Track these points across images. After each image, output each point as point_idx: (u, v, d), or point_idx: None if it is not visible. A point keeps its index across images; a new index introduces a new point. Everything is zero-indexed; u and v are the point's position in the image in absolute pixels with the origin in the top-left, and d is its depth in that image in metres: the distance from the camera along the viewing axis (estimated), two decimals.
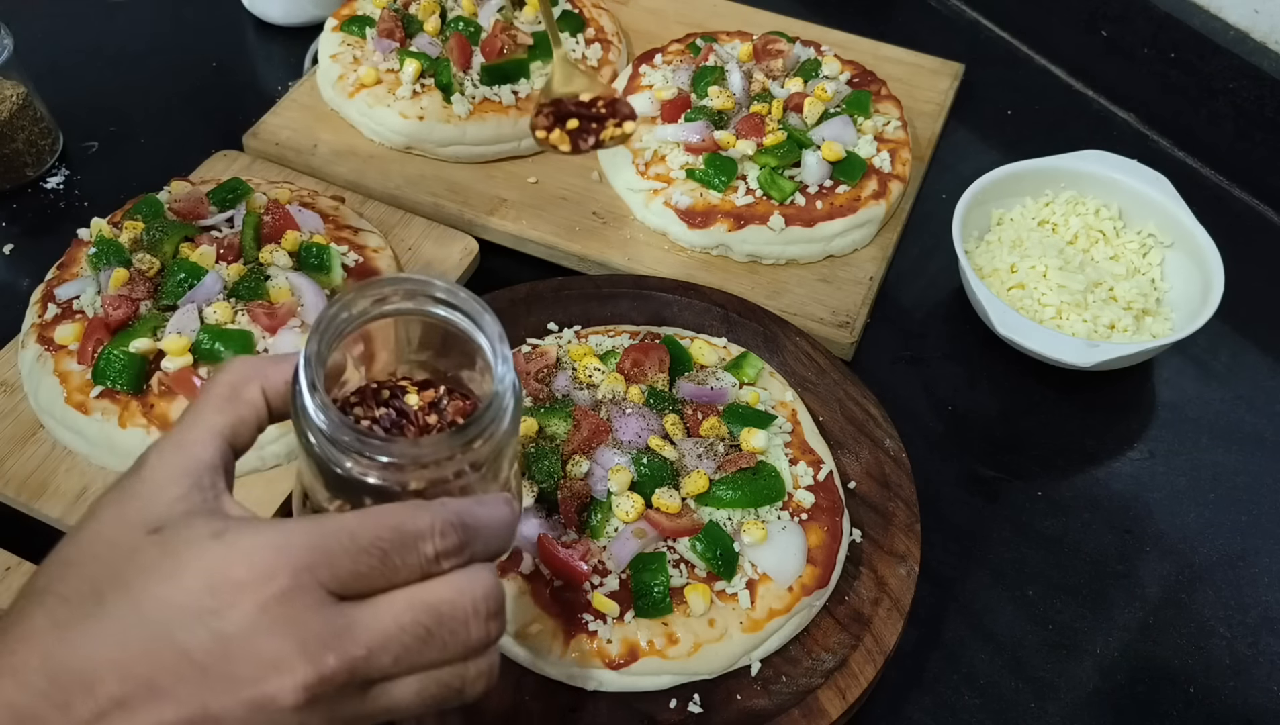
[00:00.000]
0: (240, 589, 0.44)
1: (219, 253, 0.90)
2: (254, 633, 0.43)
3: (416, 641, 0.46)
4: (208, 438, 0.50)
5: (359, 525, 0.46)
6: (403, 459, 0.49)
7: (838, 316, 0.97)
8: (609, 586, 0.74)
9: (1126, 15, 1.19)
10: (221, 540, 0.45)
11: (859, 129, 1.06)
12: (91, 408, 0.84)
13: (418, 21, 1.14)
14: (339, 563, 0.45)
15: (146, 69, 1.23)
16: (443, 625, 0.46)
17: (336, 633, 0.44)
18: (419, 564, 0.46)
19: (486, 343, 0.54)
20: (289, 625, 0.44)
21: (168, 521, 0.47)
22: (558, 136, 0.85)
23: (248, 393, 0.52)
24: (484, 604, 0.47)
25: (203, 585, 0.44)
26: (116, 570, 0.45)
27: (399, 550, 0.46)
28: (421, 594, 0.46)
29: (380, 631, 0.45)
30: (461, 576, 0.47)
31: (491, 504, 0.50)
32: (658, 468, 0.78)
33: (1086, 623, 0.82)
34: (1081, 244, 1.01)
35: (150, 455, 0.50)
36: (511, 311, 0.94)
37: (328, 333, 0.52)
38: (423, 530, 0.46)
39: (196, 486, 0.48)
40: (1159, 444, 0.94)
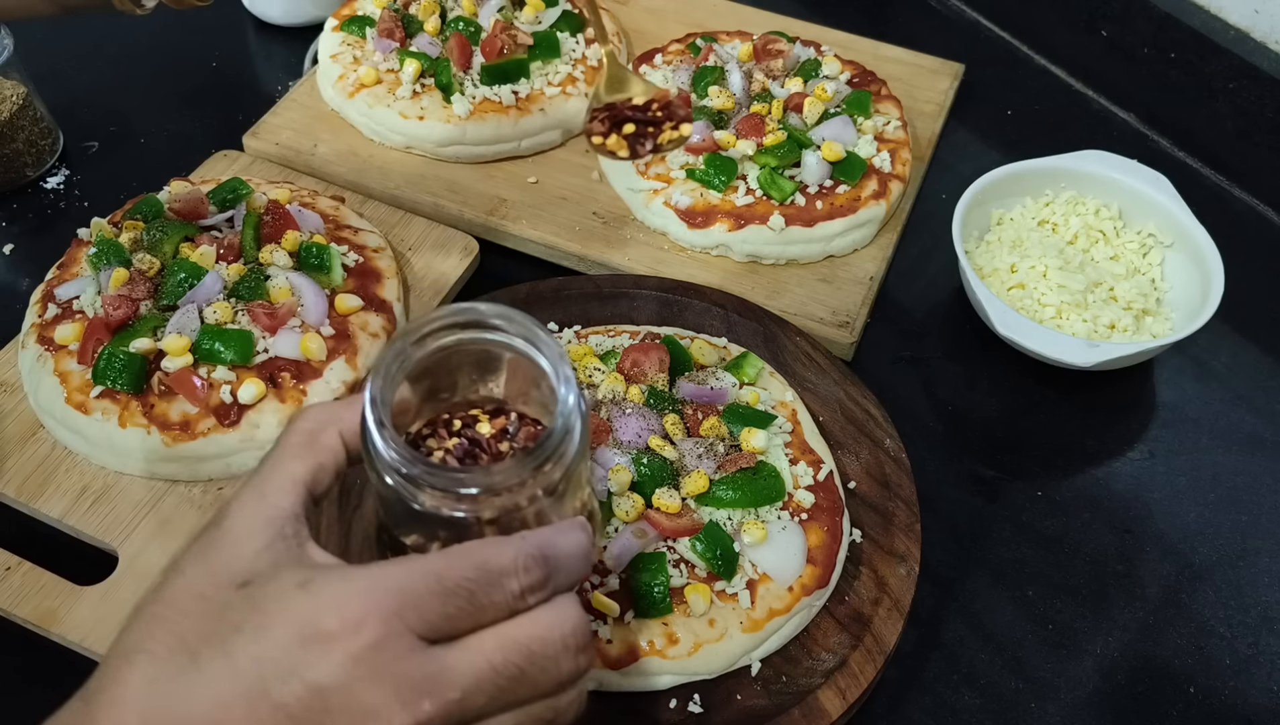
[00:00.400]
0: (331, 640, 0.43)
1: (219, 253, 0.90)
2: (349, 684, 0.43)
3: (510, 681, 0.46)
4: (289, 486, 0.50)
5: (445, 567, 0.45)
6: (476, 488, 0.49)
7: (838, 316, 0.97)
8: (609, 586, 0.74)
9: (1126, 15, 1.19)
10: (308, 590, 0.45)
11: (859, 129, 1.06)
12: (91, 408, 0.84)
13: (418, 21, 1.14)
14: (427, 606, 0.45)
15: (146, 69, 1.23)
16: (534, 664, 0.46)
17: (430, 678, 0.44)
18: (506, 602, 0.46)
19: (548, 364, 0.53)
20: (383, 674, 0.43)
21: (255, 575, 0.46)
22: (615, 142, 0.82)
23: (325, 439, 0.52)
24: (573, 639, 0.47)
25: (294, 638, 0.44)
26: (208, 626, 0.45)
27: (485, 589, 0.46)
28: (512, 633, 0.46)
29: (473, 674, 0.45)
30: (550, 612, 0.47)
31: (569, 531, 0.49)
32: (658, 468, 0.78)
33: (1086, 623, 0.82)
34: (1081, 244, 1.01)
35: (231, 506, 0.49)
36: None
37: (390, 371, 0.52)
38: (506, 567, 0.46)
39: (280, 536, 0.48)
40: (1159, 444, 0.94)
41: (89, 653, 0.76)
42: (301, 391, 0.85)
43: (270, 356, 0.86)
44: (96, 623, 0.77)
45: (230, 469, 0.85)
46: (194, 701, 0.43)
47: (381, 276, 0.95)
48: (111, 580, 0.79)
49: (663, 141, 0.83)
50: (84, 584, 0.79)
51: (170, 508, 0.83)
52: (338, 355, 0.88)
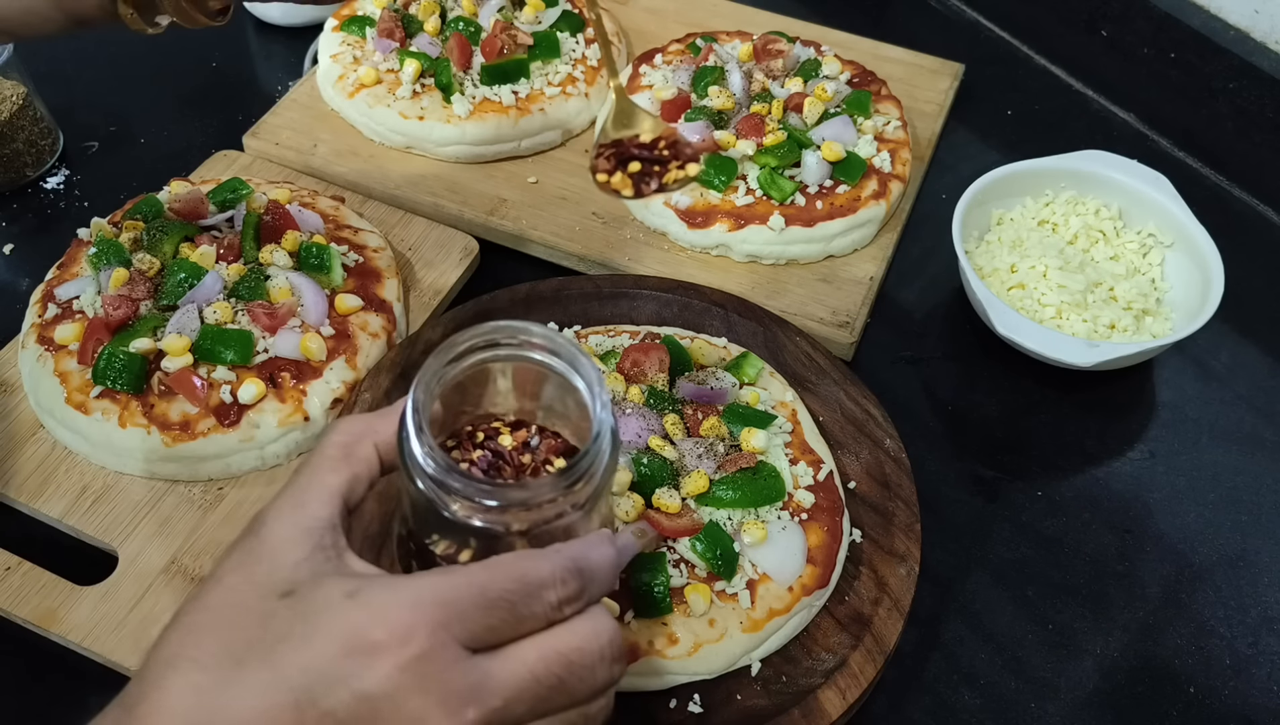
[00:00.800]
0: (379, 650, 0.44)
1: (219, 253, 0.90)
2: (396, 693, 0.44)
3: (550, 690, 0.47)
4: (325, 497, 0.50)
5: (488, 579, 0.46)
6: (511, 502, 0.50)
7: (838, 316, 0.97)
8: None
9: (1126, 15, 1.19)
10: (356, 601, 0.46)
11: (859, 129, 1.06)
12: (91, 408, 0.84)
13: (418, 21, 1.14)
14: (471, 617, 0.46)
15: (146, 69, 1.23)
16: (574, 673, 0.47)
17: (474, 687, 0.45)
18: (545, 613, 0.47)
19: (584, 386, 0.54)
20: (429, 683, 0.44)
21: (297, 584, 0.47)
22: (620, 181, 0.81)
23: (361, 450, 0.53)
24: (609, 649, 0.49)
25: (342, 648, 0.44)
26: (252, 635, 0.45)
27: (526, 601, 0.47)
28: (553, 643, 0.47)
29: (515, 683, 0.46)
30: (587, 623, 0.49)
31: (599, 544, 0.51)
32: (658, 468, 0.78)
33: (1086, 623, 0.82)
34: (1081, 244, 1.01)
35: (268, 516, 0.50)
36: (511, 311, 0.94)
37: (435, 380, 0.52)
38: (545, 580, 0.47)
39: (319, 547, 0.48)
40: (1159, 444, 0.94)
41: (89, 653, 0.76)
42: (301, 391, 0.85)
43: (270, 356, 0.86)
44: (96, 623, 0.77)
45: (230, 469, 0.85)
46: (240, 709, 0.44)
47: (381, 276, 0.95)
48: (111, 580, 0.79)
49: (668, 181, 0.81)
50: (84, 584, 0.79)
51: (170, 508, 0.83)
52: (338, 355, 0.88)
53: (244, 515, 0.83)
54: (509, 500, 0.50)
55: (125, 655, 0.76)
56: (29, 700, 0.77)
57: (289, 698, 0.44)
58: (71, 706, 0.76)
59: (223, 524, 0.83)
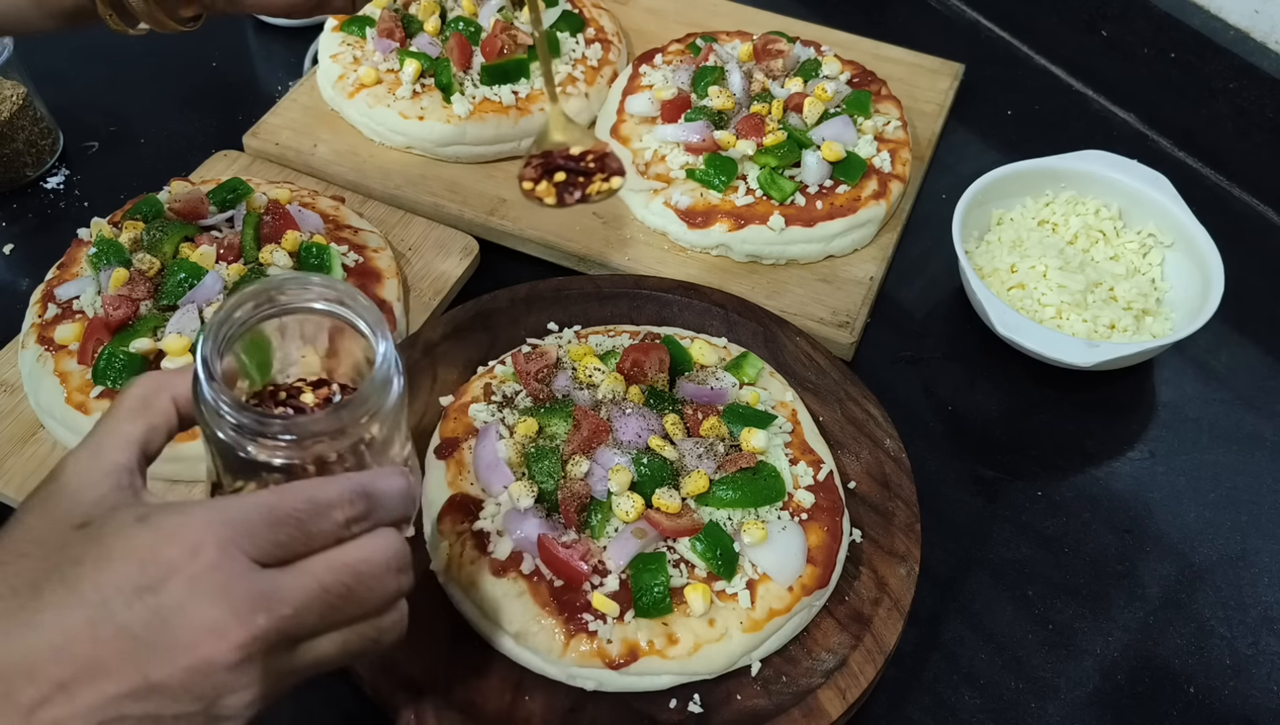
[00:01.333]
0: (171, 565, 0.47)
1: (219, 253, 0.90)
2: (188, 603, 0.47)
3: (338, 599, 0.51)
4: (123, 444, 0.53)
5: (277, 500, 0.50)
6: (298, 433, 0.53)
7: (838, 316, 0.97)
8: (609, 586, 0.74)
9: (1126, 15, 1.19)
10: (148, 524, 0.49)
11: (859, 129, 1.06)
12: (91, 408, 0.84)
13: (418, 21, 1.14)
14: (260, 533, 0.49)
15: (146, 69, 1.23)
16: (361, 582, 0.51)
17: (264, 595, 0.48)
18: (332, 530, 0.51)
19: (365, 326, 0.57)
20: (220, 593, 0.47)
21: (93, 517, 0.50)
22: (544, 189, 0.85)
23: (158, 402, 0.55)
24: (395, 560, 0.53)
25: (135, 566, 0.47)
26: (49, 564, 0.48)
27: (313, 519, 0.50)
28: (340, 556, 0.51)
29: (304, 591, 0.49)
30: (373, 538, 0.52)
31: (389, 475, 0.54)
32: (658, 468, 0.78)
33: (1086, 623, 0.82)
34: (1081, 244, 1.01)
35: (68, 463, 0.52)
36: (511, 311, 0.94)
37: (218, 333, 0.56)
38: (333, 500, 0.51)
39: (116, 487, 0.51)
40: (1159, 444, 0.94)
41: None
42: None
43: None
44: None
45: None
46: (38, 632, 0.46)
47: (381, 276, 0.95)
48: None
49: (591, 192, 0.85)
50: None
51: None
52: None
53: None
54: (295, 432, 0.53)
55: None
56: None
57: (84, 615, 0.46)
58: None
59: None
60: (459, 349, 0.92)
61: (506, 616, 0.74)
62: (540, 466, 0.78)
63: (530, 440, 0.81)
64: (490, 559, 0.75)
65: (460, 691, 0.73)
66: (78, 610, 0.46)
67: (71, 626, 0.46)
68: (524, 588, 0.74)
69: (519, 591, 0.74)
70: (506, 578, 0.75)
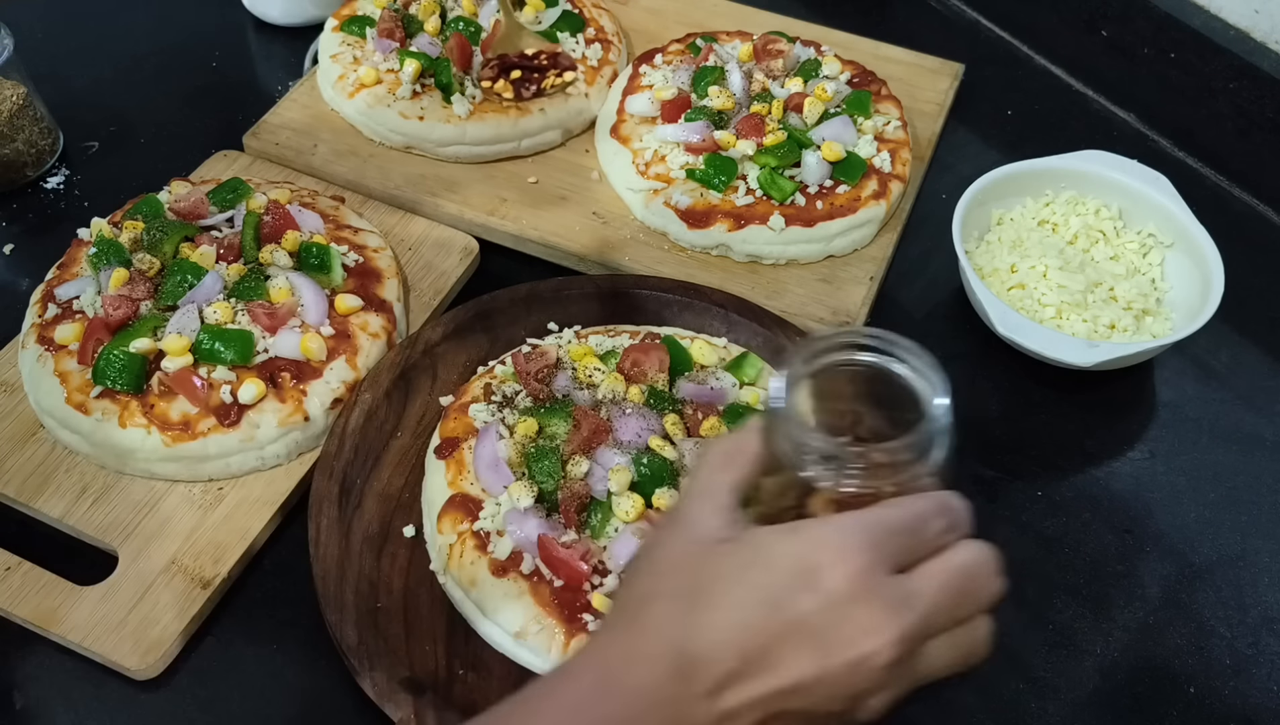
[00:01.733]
0: (824, 569, 0.51)
1: (219, 253, 0.90)
2: (848, 603, 0.50)
3: (956, 598, 0.54)
4: (726, 488, 0.57)
5: (890, 514, 0.54)
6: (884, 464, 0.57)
7: (838, 316, 0.97)
8: (609, 586, 0.74)
9: (1126, 15, 1.19)
10: (795, 535, 0.53)
11: (859, 129, 1.06)
12: (91, 408, 0.84)
13: (418, 21, 1.14)
14: (887, 543, 0.53)
15: (146, 69, 1.23)
16: (972, 582, 0.55)
17: (906, 595, 0.52)
18: (933, 540, 0.55)
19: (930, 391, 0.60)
20: (872, 594, 0.51)
21: (731, 537, 0.54)
22: (501, 85, 0.98)
23: (740, 457, 0.59)
24: (993, 563, 0.56)
25: (793, 568, 0.51)
26: (710, 571, 0.53)
27: (920, 529, 0.54)
28: (952, 559, 0.55)
29: (933, 592, 0.53)
30: (970, 544, 0.56)
31: (953, 495, 0.57)
32: (658, 468, 0.78)
33: (1086, 623, 0.82)
34: (1081, 244, 1.01)
35: (683, 505, 0.58)
36: (511, 311, 0.94)
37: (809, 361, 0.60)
38: (930, 513, 0.55)
39: (732, 522, 0.55)
40: (1159, 444, 0.94)
41: (89, 652, 0.76)
42: (301, 391, 0.85)
43: (270, 356, 0.86)
44: (96, 623, 0.77)
45: (230, 469, 0.85)
46: (716, 625, 0.51)
47: (381, 276, 0.95)
48: (111, 580, 0.79)
49: (546, 86, 0.98)
50: (84, 584, 0.79)
51: (170, 508, 0.83)
52: (338, 355, 0.88)
53: (244, 515, 0.83)
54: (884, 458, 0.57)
55: (125, 655, 0.76)
56: (29, 700, 0.77)
57: (756, 612, 0.51)
58: (72, 707, 0.76)
59: (223, 524, 0.83)
60: (459, 349, 0.92)
61: (506, 616, 0.74)
62: (540, 466, 0.78)
63: (530, 440, 0.81)
64: (490, 559, 0.75)
65: (460, 691, 0.73)
66: (749, 607, 0.51)
67: (742, 622, 0.50)
68: (524, 588, 0.74)
69: (519, 591, 0.74)
70: (506, 578, 0.74)
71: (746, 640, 0.50)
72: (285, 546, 0.84)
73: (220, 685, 0.77)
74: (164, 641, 0.77)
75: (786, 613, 0.50)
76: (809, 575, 0.51)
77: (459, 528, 0.78)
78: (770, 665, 0.50)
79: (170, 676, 0.77)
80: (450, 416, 0.85)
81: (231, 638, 0.80)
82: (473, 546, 0.76)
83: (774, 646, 0.50)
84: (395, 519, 0.83)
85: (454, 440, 0.82)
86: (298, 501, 0.86)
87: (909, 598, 0.52)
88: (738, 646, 0.50)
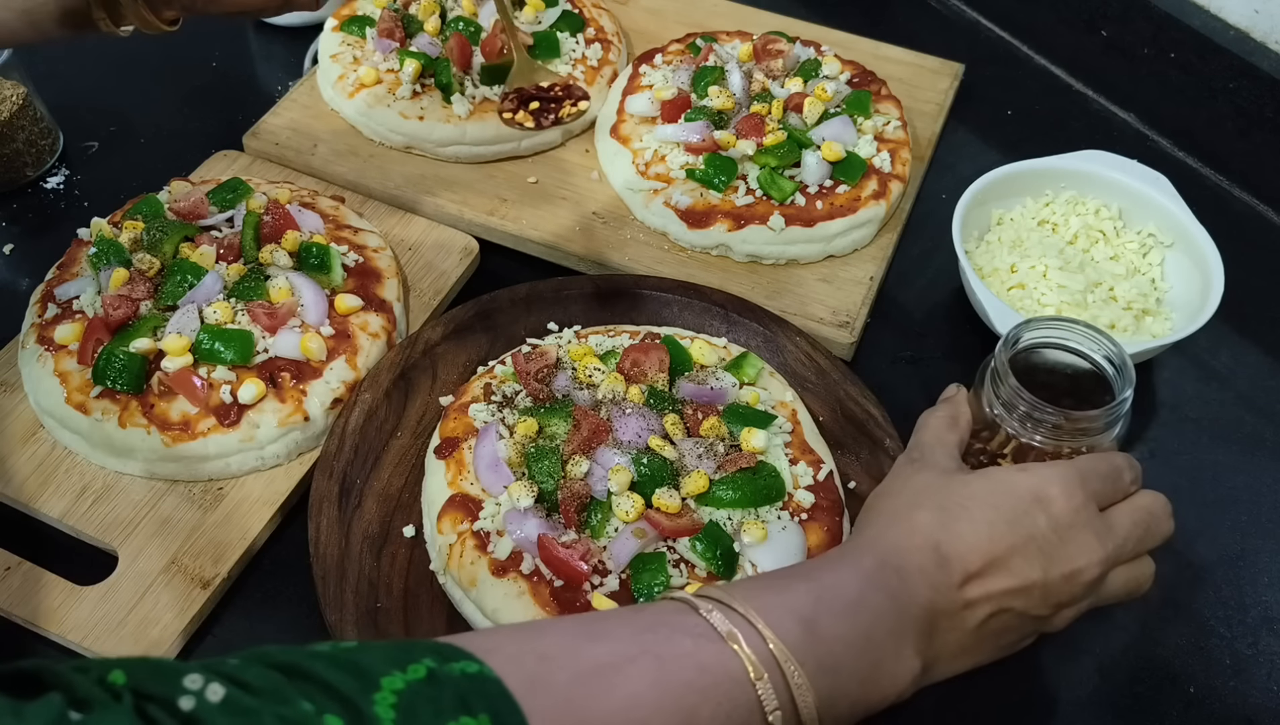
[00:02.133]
0: (1054, 498, 0.64)
1: (219, 253, 0.90)
2: (1071, 526, 0.64)
3: (1142, 532, 0.66)
4: (953, 444, 0.73)
5: (1095, 463, 0.67)
6: (1079, 425, 0.73)
7: (838, 316, 0.97)
8: (609, 586, 0.74)
9: (1126, 15, 1.19)
10: (1027, 472, 0.65)
11: (859, 129, 1.06)
12: (91, 408, 0.84)
13: (418, 21, 1.14)
14: (1093, 485, 0.66)
15: (146, 69, 1.23)
16: (1154, 521, 0.67)
17: (1109, 527, 0.65)
18: (1124, 488, 0.68)
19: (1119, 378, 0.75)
20: (1087, 523, 0.64)
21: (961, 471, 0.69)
22: (522, 116, 1.06)
23: (959, 422, 0.75)
24: (1167, 507, 0.69)
25: (1030, 493, 0.64)
26: (957, 494, 0.65)
27: (1115, 475, 0.68)
28: (1138, 502, 0.68)
29: (1126, 526, 0.66)
30: (1150, 493, 0.69)
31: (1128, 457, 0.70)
32: (658, 468, 0.78)
33: (1087, 623, 0.82)
34: (1081, 244, 1.01)
35: (923, 452, 0.72)
36: (511, 311, 0.94)
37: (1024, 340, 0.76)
38: (1121, 465, 0.68)
39: (962, 465, 0.71)
40: (1159, 444, 0.94)
41: (89, 653, 0.76)
42: (301, 391, 0.85)
43: (270, 356, 0.86)
44: (96, 623, 0.77)
45: (230, 469, 0.85)
46: (968, 533, 0.62)
47: (381, 276, 0.95)
48: (111, 580, 0.79)
49: (563, 115, 1.08)
50: (84, 584, 0.79)
51: (170, 508, 0.83)
52: (338, 355, 0.88)
53: (244, 515, 0.83)
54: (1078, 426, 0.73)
55: (125, 655, 0.76)
56: None
57: (1002, 524, 0.63)
58: None
59: (223, 524, 0.83)
60: (459, 349, 0.92)
61: (506, 616, 0.74)
62: (540, 466, 0.78)
63: (530, 440, 0.81)
64: (490, 559, 0.75)
65: None
66: (992, 523, 0.63)
67: (988, 533, 0.62)
68: (524, 588, 0.74)
69: (519, 591, 0.74)
70: (506, 578, 0.75)
71: (991, 546, 0.62)
72: (285, 546, 0.84)
73: None
74: (164, 641, 0.77)
75: (1022, 529, 0.62)
76: (1042, 503, 0.63)
77: (459, 528, 0.78)
78: (1007, 568, 0.62)
79: None
80: (450, 416, 0.85)
81: (231, 638, 0.80)
82: (473, 546, 0.76)
83: (1010, 554, 0.62)
84: (395, 519, 0.83)
85: (454, 440, 0.82)
86: (298, 501, 0.86)
87: (1112, 529, 0.65)
88: (984, 551, 0.62)
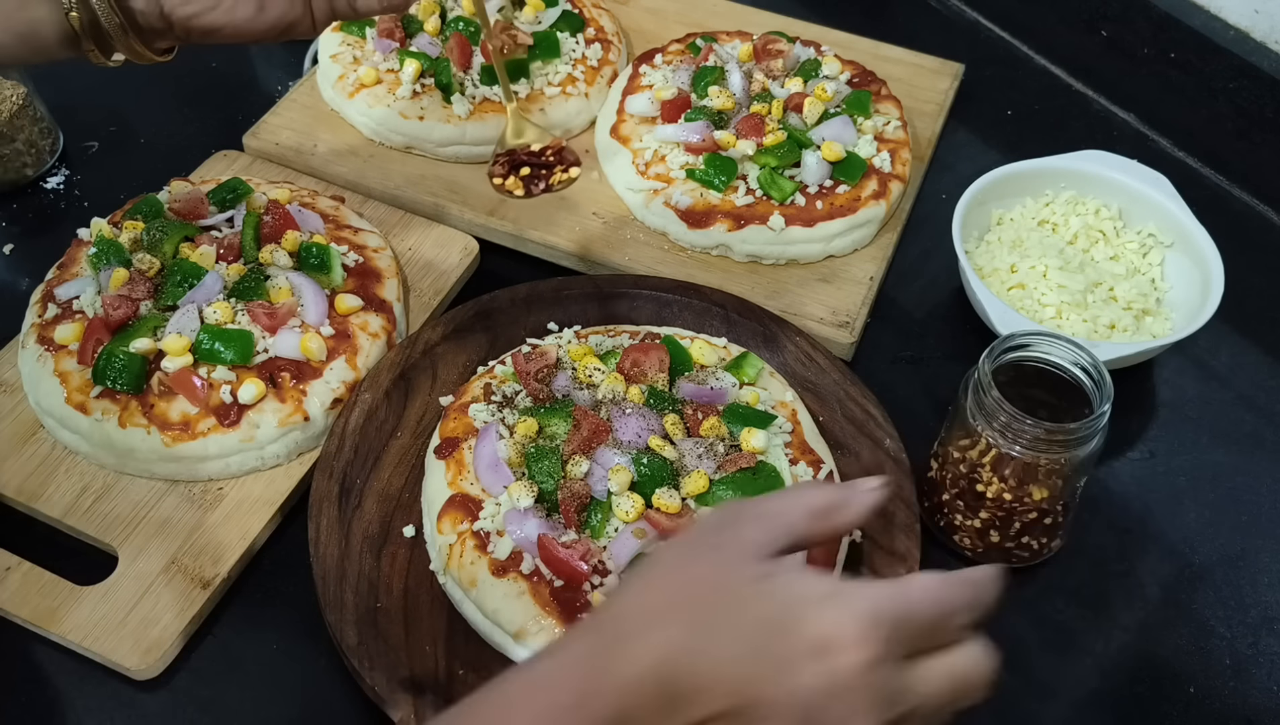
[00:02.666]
0: (844, 650, 0.50)
1: (219, 253, 0.90)
2: (846, 691, 0.50)
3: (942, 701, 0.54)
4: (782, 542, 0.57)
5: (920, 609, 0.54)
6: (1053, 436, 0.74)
7: (838, 316, 0.97)
8: (609, 586, 0.74)
9: (1126, 15, 1.19)
10: (826, 606, 0.52)
11: (859, 129, 1.06)
12: (91, 408, 0.84)
13: (418, 21, 1.14)
14: (909, 634, 0.53)
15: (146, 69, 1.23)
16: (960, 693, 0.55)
17: (904, 688, 0.52)
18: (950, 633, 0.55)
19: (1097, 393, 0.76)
20: (872, 686, 0.51)
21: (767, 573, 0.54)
22: (513, 183, 1.02)
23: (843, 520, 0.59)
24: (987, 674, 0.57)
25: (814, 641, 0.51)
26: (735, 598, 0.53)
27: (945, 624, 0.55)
28: (955, 662, 0.55)
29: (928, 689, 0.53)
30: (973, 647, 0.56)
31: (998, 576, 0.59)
32: (658, 468, 0.78)
33: (1086, 623, 0.82)
34: (1081, 244, 1.01)
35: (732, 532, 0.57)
36: (511, 311, 0.94)
37: (1006, 352, 0.78)
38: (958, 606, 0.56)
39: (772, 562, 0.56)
40: (1159, 444, 0.94)
41: (89, 653, 0.76)
42: (301, 391, 0.85)
43: (270, 356, 0.86)
44: (96, 623, 0.77)
45: (230, 469, 0.85)
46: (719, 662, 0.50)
47: (381, 276, 0.95)
48: (111, 580, 0.79)
49: (553, 182, 1.03)
50: (84, 584, 0.79)
51: (170, 508, 0.83)
52: (338, 355, 0.88)
53: (244, 515, 0.83)
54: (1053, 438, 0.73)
55: (125, 655, 0.76)
56: (29, 700, 0.77)
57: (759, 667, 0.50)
58: (71, 707, 0.76)
59: (223, 524, 0.83)
60: (459, 349, 0.92)
61: (506, 616, 0.74)
62: (540, 466, 0.78)
63: (530, 440, 0.81)
64: (490, 559, 0.75)
65: (460, 692, 0.73)
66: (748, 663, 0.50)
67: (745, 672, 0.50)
68: (524, 588, 0.74)
69: (519, 591, 0.74)
70: (506, 578, 0.75)
71: (744, 689, 0.50)
72: (285, 546, 0.84)
73: (220, 685, 0.77)
74: (164, 641, 0.77)
75: (786, 679, 0.50)
76: (822, 654, 0.51)
77: (459, 528, 0.78)
78: (757, 720, 0.50)
79: (170, 676, 0.77)
80: (450, 416, 0.85)
81: (231, 638, 0.80)
82: (473, 546, 0.76)
83: (764, 703, 0.50)
84: (395, 519, 0.83)
85: (454, 440, 0.82)
86: (298, 501, 0.86)
87: (907, 691, 0.52)
88: (734, 693, 0.50)
